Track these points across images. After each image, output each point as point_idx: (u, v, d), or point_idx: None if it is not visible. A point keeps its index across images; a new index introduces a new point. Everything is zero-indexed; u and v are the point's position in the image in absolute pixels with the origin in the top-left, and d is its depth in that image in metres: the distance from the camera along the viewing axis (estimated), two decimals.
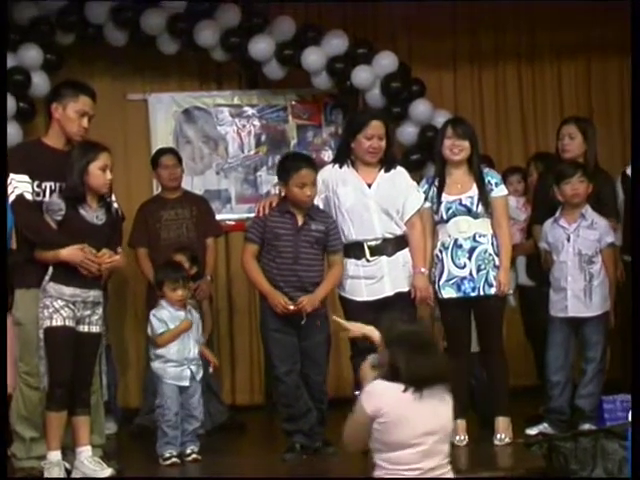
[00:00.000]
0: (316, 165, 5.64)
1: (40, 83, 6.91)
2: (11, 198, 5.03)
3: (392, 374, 3.88)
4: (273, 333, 5.51)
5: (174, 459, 5.45)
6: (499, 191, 5.68)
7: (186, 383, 5.57)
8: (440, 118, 6.82)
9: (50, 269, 5.03)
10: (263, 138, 7.77)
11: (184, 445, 5.53)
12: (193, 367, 5.59)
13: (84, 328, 5.10)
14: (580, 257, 5.76)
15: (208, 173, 7.71)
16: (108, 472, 5.06)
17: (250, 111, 7.75)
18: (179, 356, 5.58)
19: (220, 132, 7.74)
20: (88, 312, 5.10)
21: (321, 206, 5.61)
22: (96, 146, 5.22)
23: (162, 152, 6.93)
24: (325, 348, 5.57)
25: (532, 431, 5.74)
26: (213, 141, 7.74)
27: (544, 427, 5.74)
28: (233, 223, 7.63)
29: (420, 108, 7.22)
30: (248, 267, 5.58)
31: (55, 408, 5.02)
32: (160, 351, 5.60)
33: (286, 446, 5.52)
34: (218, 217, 7.16)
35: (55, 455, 5.04)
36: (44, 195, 5.14)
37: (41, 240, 5.06)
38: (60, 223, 5.04)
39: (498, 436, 5.62)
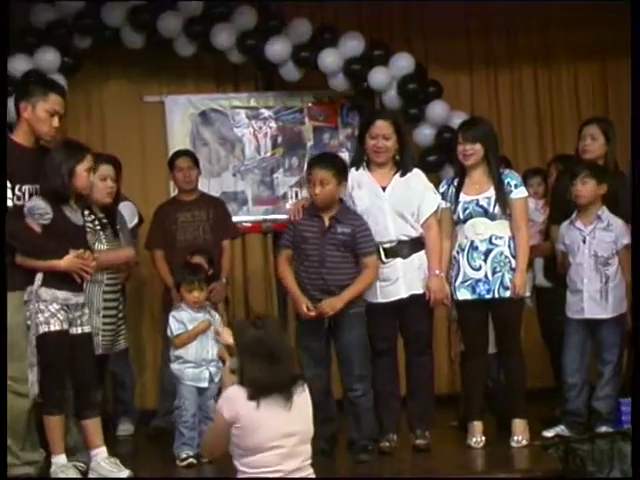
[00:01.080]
0: (332, 163, 5.52)
1: None
2: None
3: (241, 380, 3.94)
4: (302, 337, 5.52)
5: (191, 460, 5.47)
6: (518, 193, 5.66)
7: (204, 384, 5.58)
8: (457, 119, 6.81)
9: (40, 274, 4.97)
10: (279, 140, 7.78)
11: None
12: (212, 368, 5.59)
13: (77, 330, 5.08)
14: (596, 259, 5.74)
15: (225, 175, 7.72)
16: (126, 473, 5.05)
17: (266, 113, 7.76)
18: (197, 357, 5.59)
19: (236, 134, 7.75)
20: (78, 313, 5.09)
21: None
22: (81, 147, 5.16)
23: (178, 154, 6.93)
24: (353, 350, 5.44)
25: (549, 433, 5.72)
26: (229, 143, 7.75)
27: (561, 429, 5.72)
28: (249, 225, 7.64)
29: (437, 109, 7.21)
30: (280, 271, 5.61)
31: (56, 411, 5.01)
32: (178, 352, 5.61)
33: None
34: (234, 219, 7.15)
35: (62, 458, 5.02)
36: (24, 198, 5.02)
37: (27, 249, 4.97)
38: (46, 226, 4.96)
39: (515, 438, 5.61)
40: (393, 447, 5.58)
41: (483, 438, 5.62)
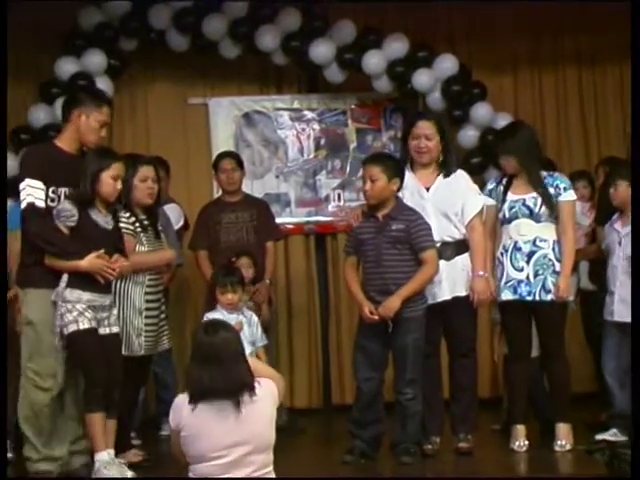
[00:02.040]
0: (381, 160, 5.53)
1: (104, 88, 6.93)
2: (22, 205, 5.04)
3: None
4: (360, 339, 5.51)
5: None
6: (567, 196, 5.61)
7: None
8: (501, 121, 6.79)
9: (65, 275, 5.03)
10: (322, 142, 7.78)
11: None
12: None
13: (105, 330, 5.12)
14: (628, 261, 5.67)
15: (268, 177, 7.73)
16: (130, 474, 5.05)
17: (310, 115, 7.77)
18: None
19: (280, 136, 7.76)
20: (106, 314, 5.13)
21: None
22: (111, 154, 5.24)
23: (222, 156, 6.95)
24: (406, 354, 5.37)
25: (601, 437, 5.66)
26: (273, 145, 7.76)
27: (613, 433, 5.68)
28: (292, 227, 7.65)
29: (481, 111, 7.18)
30: (345, 278, 5.65)
31: (96, 409, 5.03)
32: None
33: (347, 448, 5.51)
34: (277, 221, 7.16)
35: (105, 455, 5.02)
36: (59, 200, 5.11)
37: (54, 250, 5.03)
38: (73, 228, 5.03)
39: (559, 442, 5.57)
40: (436, 450, 5.57)
41: (526, 442, 5.59)
